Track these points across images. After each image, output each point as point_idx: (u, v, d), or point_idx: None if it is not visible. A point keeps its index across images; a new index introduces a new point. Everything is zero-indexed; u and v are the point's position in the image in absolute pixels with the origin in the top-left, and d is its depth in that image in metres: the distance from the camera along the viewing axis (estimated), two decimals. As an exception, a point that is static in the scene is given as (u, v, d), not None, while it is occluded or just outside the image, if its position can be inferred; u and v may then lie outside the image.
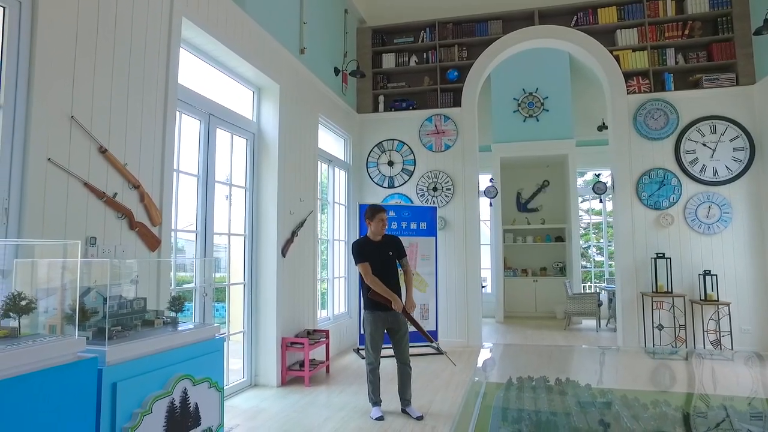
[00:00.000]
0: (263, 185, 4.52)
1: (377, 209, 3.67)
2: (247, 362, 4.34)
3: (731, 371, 2.34)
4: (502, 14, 6.51)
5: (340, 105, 6.22)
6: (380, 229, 3.66)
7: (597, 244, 10.41)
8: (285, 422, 3.45)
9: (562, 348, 5.12)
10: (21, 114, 2.20)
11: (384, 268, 3.64)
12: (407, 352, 3.67)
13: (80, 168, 2.49)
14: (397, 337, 3.64)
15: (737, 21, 5.74)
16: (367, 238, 3.72)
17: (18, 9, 2.20)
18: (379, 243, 3.69)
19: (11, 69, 2.17)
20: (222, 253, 4.38)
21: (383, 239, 3.71)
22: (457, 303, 6.28)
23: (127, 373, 1.88)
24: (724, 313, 5.39)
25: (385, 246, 3.69)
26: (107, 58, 2.69)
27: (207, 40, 3.67)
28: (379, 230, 3.66)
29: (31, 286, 1.95)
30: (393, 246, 3.72)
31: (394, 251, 3.71)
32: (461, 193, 6.42)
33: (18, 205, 2.18)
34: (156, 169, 3.04)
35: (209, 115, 3.89)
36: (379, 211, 3.66)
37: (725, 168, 5.62)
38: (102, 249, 2.60)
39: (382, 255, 3.66)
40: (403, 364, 3.65)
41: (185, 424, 2.10)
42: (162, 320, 2.33)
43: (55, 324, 1.86)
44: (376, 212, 3.65)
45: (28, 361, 1.49)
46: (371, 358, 3.62)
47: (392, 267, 3.70)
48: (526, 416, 1.41)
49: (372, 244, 3.68)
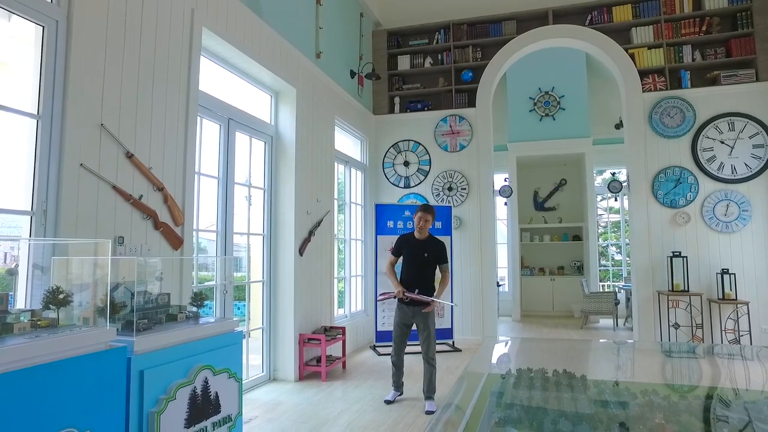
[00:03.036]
0: (281, 186, 4.68)
1: (420, 207, 3.86)
2: (266, 357, 4.50)
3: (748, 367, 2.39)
4: (516, 14, 6.55)
5: (356, 107, 6.35)
6: (418, 226, 3.81)
7: (616, 242, 10.32)
8: (301, 414, 3.59)
9: (565, 341, 5.15)
10: (57, 123, 2.39)
11: (414, 266, 3.81)
12: (431, 350, 3.80)
13: (109, 172, 2.67)
14: (423, 336, 3.82)
15: (758, 15, 5.66)
16: (412, 234, 3.92)
17: (55, 27, 2.39)
18: (420, 242, 3.84)
19: (48, 82, 2.36)
20: (242, 253, 4.56)
21: (427, 240, 3.85)
22: (473, 301, 6.35)
23: (153, 362, 2.03)
24: (743, 312, 5.34)
25: (424, 246, 3.83)
26: (133, 69, 2.87)
27: (226, 48, 3.84)
28: (418, 227, 3.82)
29: (66, 281, 2.12)
30: (432, 249, 3.84)
31: (431, 254, 3.83)
32: (476, 193, 6.49)
33: (55, 208, 2.37)
34: (178, 172, 3.22)
35: (228, 120, 4.07)
36: (420, 209, 3.83)
37: (744, 165, 5.56)
38: (129, 248, 2.78)
39: (416, 254, 3.82)
40: (425, 361, 3.83)
41: (206, 411, 2.25)
42: (185, 314, 2.49)
43: (88, 316, 2.02)
44: (418, 210, 3.85)
45: (66, 347, 1.65)
46: (393, 349, 3.90)
47: (426, 268, 3.83)
48: (518, 403, 1.50)
49: (412, 241, 3.87)
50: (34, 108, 2.34)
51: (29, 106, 2.34)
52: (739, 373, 2.28)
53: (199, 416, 2.21)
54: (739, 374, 2.28)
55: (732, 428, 1.46)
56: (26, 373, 1.51)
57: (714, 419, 1.55)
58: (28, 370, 1.52)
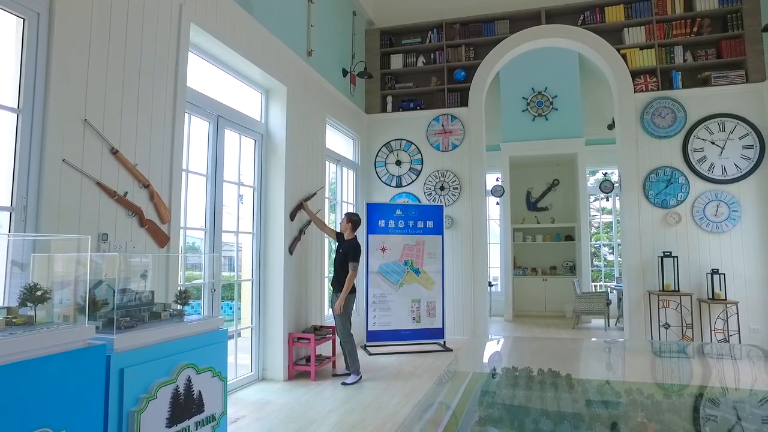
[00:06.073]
0: (271, 185, 4.65)
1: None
2: (255, 357, 4.47)
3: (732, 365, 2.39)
4: (508, 14, 6.55)
5: (348, 106, 6.32)
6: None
7: (608, 243, 10.35)
8: (290, 414, 3.56)
9: (554, 340, 5.15)
10: (38, 118, 2.35)
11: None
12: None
13: (93, 168, 2.63)
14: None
15: (747, 17, 5.69)
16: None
17: (36, 20, 2.35)
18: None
19: (29, 75, 2.32)
20: (232, 252, 4.52)
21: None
22: (464, 300, 6.34)
23: (134, 360, 2.00)
24: (732, 312, 5.36)
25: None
26: (118, 64, 2.83)
27: (215, 45, 3.80)
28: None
29: (47, 278, 2.08)
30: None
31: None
32: (468, 192, 6.48)
33: (35, 204, 2.33)
34: (165, 169, 3.18)
35: (218, 117, 4.03)
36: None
37: (734, 166, 5.59)
38: (113, 245, 2.74)
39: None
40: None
41: (189, 410, 2.22)
42: (169, 312, 2.45)
43: (68, 314, 1.99)
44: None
45: (41, 345, 1.61)
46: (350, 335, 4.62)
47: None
48: (500, 402, 1.49)
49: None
50: (15, 102, 2.30)
51: (9, 100, 2.30)
52: (728, 373, 2.29)
53: (182, 415, 2.18)
54: (728, 374, 2.28)
55: (720, 427, 1.45)
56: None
57: (703, 418, 1.54)
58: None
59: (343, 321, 4.54)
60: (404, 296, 5.88)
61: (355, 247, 4.61)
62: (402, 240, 5.94)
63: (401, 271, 5.90)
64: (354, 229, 4.72)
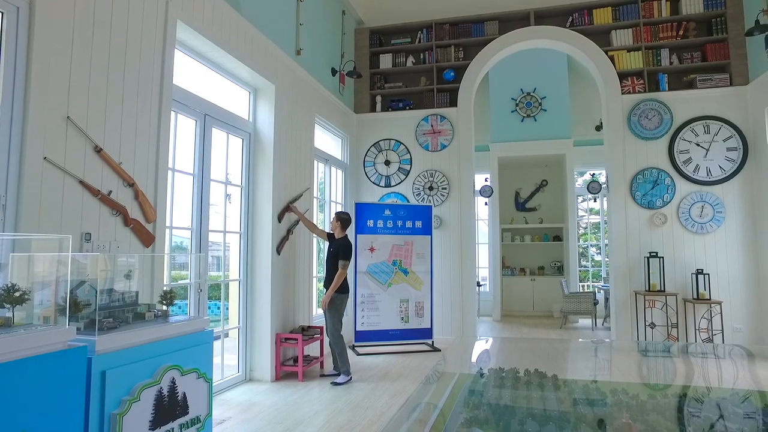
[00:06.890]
0: (259, 184, 4.61)
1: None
2: (242, 357, 4.43)
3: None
4: (498, 15, 6.57)
5: (337, 105, 6.30)
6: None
7: (596, 243, 10.45)
8: (276, 415, 3.54)
9: (542, 341, 5.18)
10: (18, 114, 2.29)
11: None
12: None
13: (76, 166, 2.59)
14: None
15: (731, 22, 5.77)
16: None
17: (16, 13, 2.29)
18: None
19: (9, 71, 2.27)
20: (219, 252, 4.47)
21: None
22: (452, 300, 6.35)
23: (116, 362, 1.96)
24: (716, 312, 5.43)
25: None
26: (103, 61, 2.78)
27: (202, 42, 3.76)
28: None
29: (27, 278, 2.04)
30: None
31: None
32: (457, 192, 6.49)
33: (15, 202, 2.28)
34: (150, 167, 3.14)
35: (205, 115, 3.98)
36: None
37: (718, 168, 5.66)
38: (97, 244, 2.69)
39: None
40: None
41: (173, 412, 2.19)
42: (153, 313, 2.42)
43: (48, 315, 1.95)
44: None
45: (19, 347, 1.58)
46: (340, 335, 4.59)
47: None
48: (486, 402, 1.48)
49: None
50: (-6, 98, 2.25)
51: (-12, 97, 2.24)
52: (712, 372, 2.31)
53: (166, 418, 2.15)
54: (711, 373, 2.30)
55: (703, 426, 1.46)
56: (-26, 374, 1.44)
57: (687, 417, 1.55)
58: (-23, 370, 1.44)
59: (334, 322, 4.51)
60: (393, 296, 5.87)
61: (346, 246, 4.60)
62: (391, 240, 5.93)
63: (390, 271, 5.90)
64: (344, 228, 4.70)
